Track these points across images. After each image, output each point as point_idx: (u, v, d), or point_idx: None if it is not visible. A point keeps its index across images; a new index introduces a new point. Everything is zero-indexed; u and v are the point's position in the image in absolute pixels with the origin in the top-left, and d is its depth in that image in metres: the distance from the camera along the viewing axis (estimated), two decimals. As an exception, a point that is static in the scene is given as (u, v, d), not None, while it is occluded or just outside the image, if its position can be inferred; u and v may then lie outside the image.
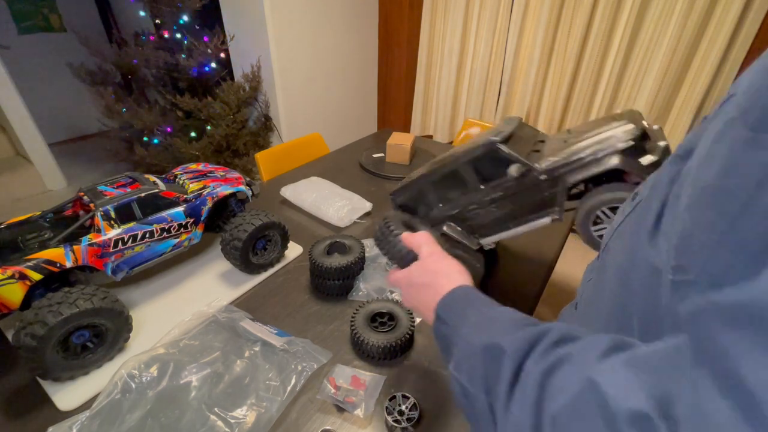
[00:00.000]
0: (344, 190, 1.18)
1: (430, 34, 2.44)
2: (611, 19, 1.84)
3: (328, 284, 0.80)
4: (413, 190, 0.79)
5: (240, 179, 0.89)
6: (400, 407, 0.57)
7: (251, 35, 2.12)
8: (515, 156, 0.67)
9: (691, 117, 1.81)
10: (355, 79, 2.71)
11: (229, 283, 0.83)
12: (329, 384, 0.60)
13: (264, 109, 2.31)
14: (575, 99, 2.09)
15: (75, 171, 3.12)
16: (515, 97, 2.30)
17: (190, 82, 2.28)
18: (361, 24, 2.57)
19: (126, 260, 0.71)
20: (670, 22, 1.73)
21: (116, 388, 0.57)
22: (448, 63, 2.41)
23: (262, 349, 0.65)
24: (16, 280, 0.57)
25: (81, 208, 0.74)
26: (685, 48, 1.71)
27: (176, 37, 2.17)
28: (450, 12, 2.29)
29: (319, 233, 1.04)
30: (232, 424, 0.55)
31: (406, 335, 0.67)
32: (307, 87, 2.37)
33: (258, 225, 0.80)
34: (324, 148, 1.76)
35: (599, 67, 1.96)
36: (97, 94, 2.24)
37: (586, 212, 0.69)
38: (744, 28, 1.61)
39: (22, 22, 3.19)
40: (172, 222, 0.75)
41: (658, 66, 1.80)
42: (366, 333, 0.67)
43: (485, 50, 2.24)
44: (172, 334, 0.68)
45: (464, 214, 0.76)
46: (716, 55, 1.66)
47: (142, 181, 0.75)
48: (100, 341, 0.63)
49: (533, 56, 2.10)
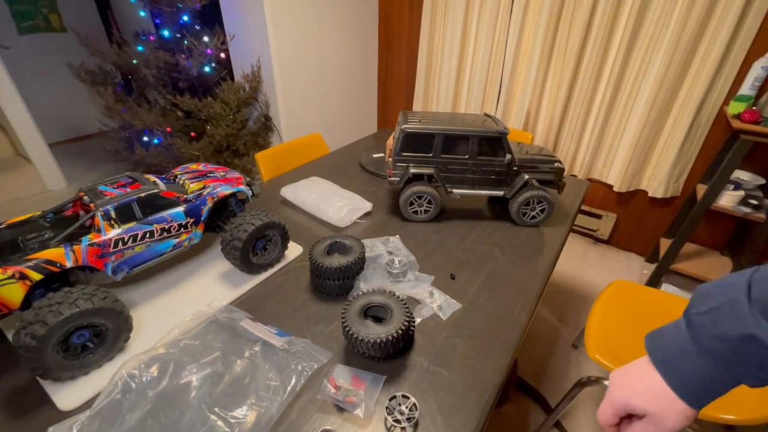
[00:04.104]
0: (344, 190, 1.18)
1: (430, 34, 2.44)
2: (611, 19, 1.84)
3: (328, 284, 0.80)
4: (427, 135, 1.01)
5: (240, 179, 0.89)
6: (400, 407, 0.57)
7: (251, 35, 2.12)
8: (509, 147, 1.03)
9: (691, 117, 1.81)
10: (355, 79, 2.71)
11: (229, 283, 0.83)
12: (329, 384, 0.60)
13: (264, 109, 2.32)
14: (575, 99, 2.09)
15: (75, 171, 3.12)
16: (515, 97, 2.30)
17: (190, 82, 2.28)
18: (361, 24, 2.57)
19: (126, 260, 0.71)
20: (670, 22, 1.73)
21: (116, 388, 0.57)
22: (448, 63, 2.41)
23: (262, 349, 0.65)
24: (17, 280, 0.57)
25: (81, 208, 0.74)
26: (685, 48, 1.71)
27: (176, 37, 2.17)
28: (450, 12, 2.29)
29: (319, 233, 1.04)
30: (232, 424, 0.55)
31: (399, 329, 0.64)
32: (307, 87, 2.37)
33: (258, 225, 0.80)
34: (324, 148, 1.76)
35: (599, 67, 1.96)
36: (97, 94, 2.24)
37: (522, 201, 1.06)
38: (744, 28, 1.61)
39: (22, 22, 3.19)
40: (172, 222, 0.75)
41: (658, 66, 1.81)
42: (359, 327, 0.64)
43: (485, 50, 2.24)
44: (172, 334, 0.68)
45: (449, 167, 1.05)
46: (716, 55, 1.66)
47: (142, 181, 0.75)
48: (100, 341, 0.63)
49: (533, 56, 2.10)
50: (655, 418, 0.42)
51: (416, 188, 1.05)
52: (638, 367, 0.45)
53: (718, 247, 2.05)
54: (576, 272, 2.13)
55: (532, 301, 0.82)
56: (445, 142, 1.01)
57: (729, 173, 1.58)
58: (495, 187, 1.08)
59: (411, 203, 1.07)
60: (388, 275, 0.85)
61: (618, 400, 0.45)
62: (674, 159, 1.92)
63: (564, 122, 2.19)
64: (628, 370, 0.46)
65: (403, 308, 0.68)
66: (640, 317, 1.18)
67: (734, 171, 1.59)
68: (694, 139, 1.89)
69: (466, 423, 0.57)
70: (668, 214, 2.12)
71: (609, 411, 0.47)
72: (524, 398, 1.44)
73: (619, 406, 0.45)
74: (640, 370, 0.44)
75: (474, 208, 1.19)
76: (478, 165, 1.04)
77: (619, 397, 0.45)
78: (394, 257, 0.88)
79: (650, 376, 0.43)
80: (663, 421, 0.42)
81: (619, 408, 0.45)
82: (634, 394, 0.44)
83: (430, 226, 1.08)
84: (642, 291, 1.29)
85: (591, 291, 1.99)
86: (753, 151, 1.77)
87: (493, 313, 0.78)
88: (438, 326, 0.75)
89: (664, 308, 1.23)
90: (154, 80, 2.32)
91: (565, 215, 1.17)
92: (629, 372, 0.46)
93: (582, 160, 2.21)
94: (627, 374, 0.46)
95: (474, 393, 0.62)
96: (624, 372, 0.46)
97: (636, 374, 0.45)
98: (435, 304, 0.79)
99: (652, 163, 2.04)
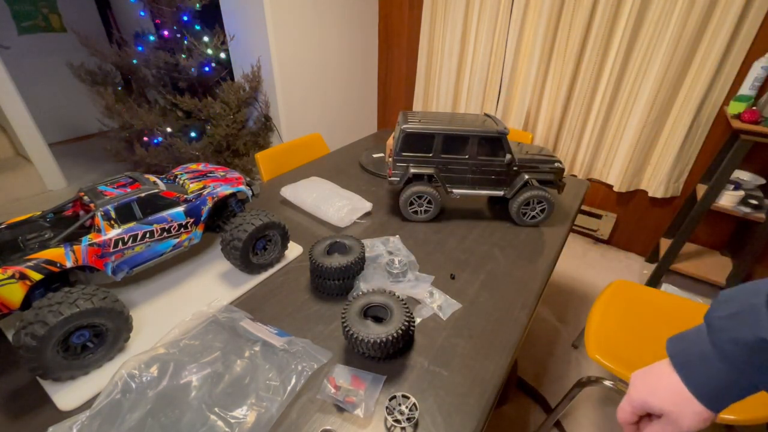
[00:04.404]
0: (344, 190, 1.18)
1: (430, 34, 2.44)
2: (611, 19, 1.84)
3: (328, 284, 0.80)
4: (427, 135, 1.01)
5: (240, 179, 0.89)
6: (400, 407, 0.57)
7: (251, 35, 2.12)
8: (509, 147, 1.03)
9: (691, 117, 1.81)
10: (355, 79, 2.71)
11: (229, 283, 0.83)
12: (329, 384, 0.60)
13: (264, 109, 2.32)
14: (575, 99, 2.09)
15: (75, 171, 3.12)
16: (515, 97, 2.30)
17: (190, 82, 2.28)
18: (361, 24, 2.57)
19: (126, 260, 0.71)
20: (670, 22, 1.73)
21: (116, 388, 0.57)
22: (448, 63, 2.41)
23: (262, 349, 0.65)
24: (17, 280, 0.57)
25: (81, 208, 0.74)
26: (685, 48, 1.71)
27: (176, 37, 2.17)
28: (450, 12, 2.29)
29: (319, 233, 1.04)
30: (232, 424, 0.55)
31: (399, 329, 0.64)
32: (307, 87, 2.37)
33: (258, 225, 0.80)
34: (324, 148, 1.76)
35: (599, 67, 1.96)
36: (97, 94, 2.24)
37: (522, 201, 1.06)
38: (744, 28, 1.61)
39: (22, 22, 3.19)
40: (172, 222, 0.75)
41: (658, 66, 1.81)
42: (359, 327, 0.64)
43: (485, 50, 2.24)
44: (172, 334, 0.68)
45: (449, 167, 1.05)
46: (716, 55, 1.66)
47: (142, 181, 0.75)
48: (100, 341, 0.63)
49: (533, 56, 2.10)
50: (672, 417, 0.43)
51: (416, 188, 1.05)
52: (659, 369, 0.46)
53: (718, 247, 2.05)
54: (576, 272, 2.13)
55: (532, 301, 0.82)
56: (445, 142, 1.01)
57: (729, 173, 1.58)
58: (495, 187, 1.08)
59: (411, 203, 1.07)
60: (388, 275, 0.85)
61: (636, 398, 0.47)
62: (674, 159, 1.92)
63: (564, 122, 2.19)
64: (648, 370, 0.47)
65: (403, 308, 0.68)
66: (640, 317, 1.18)
67: (734, 171, 1.59)
68: (694, 139, 1.89)
69: (466, 423, 0.57)
70: (668, 214, 2.12)
71: (628, 409, 0.48)
72: (524, 398, 1.44)
73: (637, 404, 0.47)
74: (660, 372, 0.46)
75: (474, 208, 1.19)
76: (478, 165, 1.04)
77: (638, 395, 0.47)
78: (394, 257, 0.88)
79: (669, 378, 0.44)
80: (679, 420, 0.43)
81: (637, 406, 0.47)
82: (652, 394, 0.45)
83: (430, 226, 1.08)
84: (642, 291, 1.29)
85: (591, 291, 1.99)
86: (753, 151, 1.77)
87: (493, 313, 0.78)
88: (438, 326, 0.75)
89: (664, 308, 1.23)
90: (154, 80, 2.32)
91: (565, 215, 1.17)
92: (650, 372, 0.47)
93: (582, 160, 2.21)
94: (647, 375, 0.47)
95: (474, 393, 0.62)
96: (644, 373, 0.48)
97: (656, 375, 0.46)
98: (435, 304, 0.79)
99: (652, 163, 2.04)
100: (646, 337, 1.12)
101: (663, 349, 1.09)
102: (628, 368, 1.01)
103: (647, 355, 1.06)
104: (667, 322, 1.17)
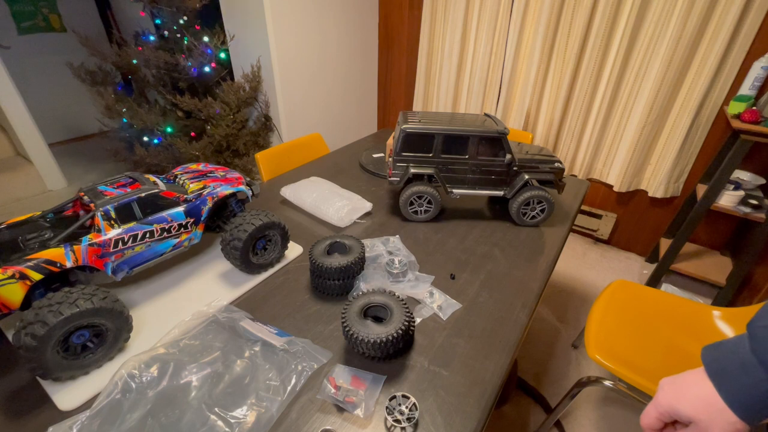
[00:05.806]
0: (344, 190, 1.18)
1: (430, 34, 2.44)
2: (611, 19, 1.84)
3: (328, 284, 0.80)
4: (427, 135, 1.01)
5: (240, 179, 0.89)
6: (400, 407, 0.57)
7: (251, 35, 2.12)
8: (509, 147, 1.03)
9: (691, 117, 1.81)
10: (355, 79, 2.71)
11: (229, 283, 0.83)
12: (329, 384, 0.60)
13: (264, 109, 2.32)
14: (575, 99, 2.09)
15: (75, 171, 3.12)
16: (515, 98, 2.30)
17: (190, 82, 2.28)
18: (361, 24, 2.57)
19: (126, 260, 0.71)
20: (670, 22, 1.73)
21: (116, 388, 0.57)
22: (448, 63, 2.41)
23: (262, 349, 0.65)
24: (17, 280, 0.57)
25: (81, 208, 0.74)
26: (685, 48, 1.71)
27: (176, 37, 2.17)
28: (450, 12, 2.29)
29: (319, 233, 1.04)
30: (232, 424, 0.55)
31: (399, 329, 0.64)
32: (307, 87, 2.37)
33: (258, 225, 0.80)
34: (324, 148, 1.76)
35: (599, 67, 1.96)
36: (97, 94, 2.24)
37: (522, 201, 1.07)
38: (744, 28, 1.61)
39: (22, 22, 3.19)
40: (172, 222, 0.75)
41: (658, 66, 1.81)
42: (359, 327, 0.64)
43: (485, 50, 2.24)
44: (172, 334, 0.68)
45: (449, 167, 1.05)
46: (716, 56, 1.66)
47: (143, 181, 0.75)
48: (100, 341, 0.63)
49: (533, 56, 2.10)
50: (701, 425, 0.42)
51: (416, 188, 1.05)
52: (691, 376, 0.45)
53: (718, 247, 2.05)
54: (576, 272, 2.13)
55: (532, 301, 0.82)
56: (445, 142, 1.01)
57: (729, 173, 1.58)
58: (495, 187, 1.08)
59: (411, 203, 1.07)
60: (388, 275, 0.85)
61: (664, 403, 0.46)
62: (674, 159, 1.92)
63: (564, 122, 2.19)
64: (679, 377, 0.47)
65: (403, 308, 0.68)
66: (640, 317, 1.18)
67: (734, 171, 1.59)
68: (694, 139, 1.89)
69: (466, 423, 0.57)
70: (668, 214, 2.12)
71: (653, 414, 0.47)
72: (524, 398, 1.44)
73: (664, 410, 0.46)
74: (692, 379, 0.45)
75: (474, 208, 1.19)
76: (478, 165, 1.04)
77: (666, 401, 0.46)
78: (394, 257, 0.88)
79: (701, 386, 0.43)
80: (708, 429, 0.42)
81: (663, 412, 0.46)
82: (682, 400, 0.44)
83: (430, 226, 1.08)
84: (642, 291, 1.29)
85: (591, 291, 1.99)
86: (753, 151, 1.77)
87: (493, 313, 0.78)
88: (438, 326, 0.75)
89: (664, 308, 1.23)
90: (154, 80, 2.32)
91: (565, 215, 1.17)
92: (680, 379, 0.46)
93: (582, 160, 2.21)
94: (677, 381, 0.46)
95: (474, 393, 0.62)
96: (674, 379, 0.47)
97: (687, 382, 0.45)
98: (435, 304, 0.79)
99: (652, 163, 2.04)
100: (646, 337, 1.12)
101: (663, 349, 1.09)
102: (628, 368, 1.01)
103: (647, 355, 1.06)
104: (667, 322, 1.17)
